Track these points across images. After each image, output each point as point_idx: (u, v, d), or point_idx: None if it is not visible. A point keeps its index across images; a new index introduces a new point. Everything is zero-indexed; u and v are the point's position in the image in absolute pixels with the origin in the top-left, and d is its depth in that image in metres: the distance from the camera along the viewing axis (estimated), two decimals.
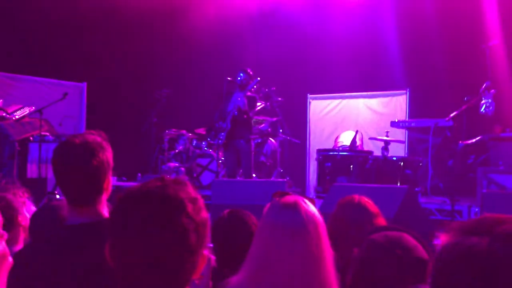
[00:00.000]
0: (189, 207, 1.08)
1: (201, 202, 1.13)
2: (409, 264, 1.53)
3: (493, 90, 6.40)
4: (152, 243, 1.04)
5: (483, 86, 6.24)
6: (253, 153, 6.99)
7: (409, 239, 1.59)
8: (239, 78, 6.87)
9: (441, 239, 1.01)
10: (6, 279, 1.62)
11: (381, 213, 2.50)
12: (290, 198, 1.71)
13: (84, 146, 1.66)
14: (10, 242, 2.41)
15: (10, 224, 2.42)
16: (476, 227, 0.94)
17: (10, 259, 1.35)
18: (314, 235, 1.62)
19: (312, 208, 1.69)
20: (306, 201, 1.70)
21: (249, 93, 6.80)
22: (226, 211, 2.42)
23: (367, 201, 2.43)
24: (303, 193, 8.88)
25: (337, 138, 7.64)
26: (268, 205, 1.77)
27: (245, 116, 6.72)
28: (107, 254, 1.09)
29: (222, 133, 6.78)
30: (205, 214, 1.12)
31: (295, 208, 1.65)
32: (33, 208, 2.85)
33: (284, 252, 1.59)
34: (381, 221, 2.38)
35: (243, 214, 2.38)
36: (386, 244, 1.56)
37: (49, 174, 6.62)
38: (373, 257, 1.55)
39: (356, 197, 2.45)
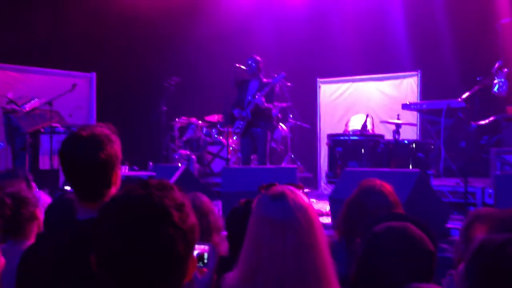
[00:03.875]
0: (176, 216, 1.04)
1: (188, 207, 1.09)
2: (414, 256, 1.50)
3: (505, 69, 6.28)
4: (139, 256, 1.00)
5: (496, 66, 6.12)
6: (269, 142, 6.97)
7: (414, 230, 1.54)
8: (251, 66, 6.79)
9: (476, 231, 0.99)
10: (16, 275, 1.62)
11: None
12: (277, 189, 1.67)
13: (92, 139, 1.63)
14: (25, 237, 2.43)
15: (29, 218, 2.42)
16: None
17: (2, 259, 1.34)
18: (304, 224, 1.58)
19: (300, 196, 1.65)
20: (293, 189, 1.67)
21: (268, 85, 6.72)
22: (242, 201, 2.38)
23: (388, 188, 2.39)
24: (315, 178, 8.85)
25: (347, 122, 7.57)
26: (256, 199, 1.74)
27: (266, 112, 6.71)
28: (93, 265, 1.06)
29: (241, 122, 6.76)
30: (192, 220, 1.08)
31: (282, 199, 1.62)
32: (48, 200, 2.86)
33: (276, 244, 1.56)
34: (400, 210, 2.34)
35: None
36: (389, 237, 1.52)
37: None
38: (376, 249, 1.52)
39: (378, 182, 2.40)
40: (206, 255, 1.57)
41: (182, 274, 1.07)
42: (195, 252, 1.56)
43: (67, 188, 4.52)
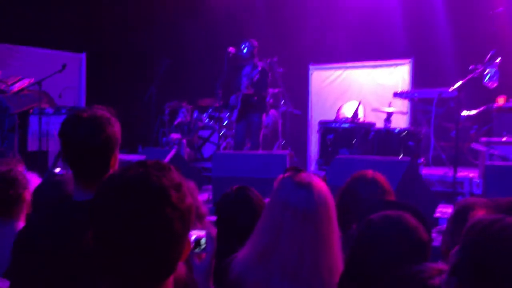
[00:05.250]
0: (173, 196, 1.04)
1: (185, 187, 1.09)
2: (408, 245, 1.50)
3: (498, 59, 6.28)
4: (136, 234, 1.01)
5: (488, 55, 6.13)
6: (263, 129, 6.95)
7: (409, 220, 1.55)
8: (245, 50, 6.67)
9: (475, 214, 1.02)
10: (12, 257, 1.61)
11: None
12: (304, 177, 1.67)
13: (93, 121, 1.63)
14: (14, 218, 2.41)
15: (17, 199, 2.40)
16: None
17: None
18: (325, 217, 1.60)
19: (326, 189, 1.65)
20: (319, 181, 1.67)
21: (259, 72, 6.62)
22: (234, 187, 2.38)
23: (381, 177, 2.39)
24: (304, 165, 8.87)
25: (339, 109, 7.58)
26: (279, 179, 1.73)
27: (255, 97, 6.63)
28: (90, 243, 1.06)
29: (235, 110, 6.72)
30: (190, 200, 1.09)
31: (308, 189, 1.62)
32: (38, 181, 2.83)
33: (294, 233, 1.57)
34: (393, 199, 2.35)
35: (252, 193, 2.33)
36: (384, 225, 1.53)
37: (50, 147, 6.59)
38: (371, 237, 1.52)
39: (370, 172, 2.41)
40: (203, 240, 1.58)
41: (179, 254, 1.08)
42: (193, 238, 1.56)
43: (57, 170, 4.49)
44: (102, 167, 1.65)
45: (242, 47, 6.68)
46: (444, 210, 5.02)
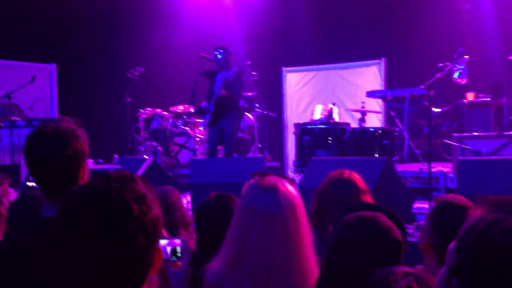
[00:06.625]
0: (135, 209, 1.02)
1: (149, 199, 1.06)
2: (383, 246, 1.52)
3: (466, 57, 6.43)
4: (98, 250, 0.99)
5: (457, 53, 6.27)
6: (235, 133, 6.85)
7: (384, 220, 1.57)
8: (219, 57, 6.57)
9: (474, 212, 1.01)
10: None
11: None
12: (269, 180, 1.66)
13: (57, 135, 1.60)
14: None
15: None
16: None
17: None
18: (292, 220, 1.59)
19: (292, 191, 1.65)
20: (286, 183, 1.66)
21: (234, 73, 6.53)
22: (212, 194, 2.36)
23: (356, 177, 2.42)
24: (282, 167, 8.90)
25: (313, 110, 7.64)
26: (246, 184, 1.73)
27: (228, 101, 6.51)
28: (59, 259, 1.04)
29: (207, 115, 6.62)
30: (155, 212, 1.06)
31: (273, 191, 1.61)
32: (15, 196, 2.77)
33: (262, 237, 1.56)
34: (368, 198, 2.37)
35: (230, 199, 2.33)
36: (360, 226, 1.54)
37: (22, 160, 6.46)
38: (347, 238, 1.54)
39: (346, 172, 2.43)
40: (179, 249, 1.56)
41: (145, 266, 1.06)
42: (168, 247, 1.55)
43: (30, 184, 4.39)
44: (69, 181, 1.61)
45: (216, 53, 6.60)
46: (421, 206, 5.10)
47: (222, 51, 6.58)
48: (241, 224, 1.62)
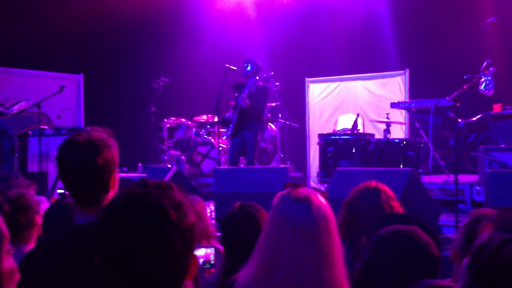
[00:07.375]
0: (173, 215, 1.05)
1: (186, 206, 1.10)
2: (421, 261, 1.50)
3: (492, 68, 6.36)
4: (138, 255, 1.02)
5: (484, 65, 6.21)
6: (259, 144, 6.84)
7: (420, 234, 1.55)
8: (248, 69, 6.62)
9: (482, 231, 1.01)
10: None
11: None
12: (302, 192, 1.66)
13: (89, 144, 1.63)
14: (24, 242, 2.41)
15: (28, 225, 2.40)
16: None
17: (18, 274, 1.34)
18: (325, 232, 1.59)
19: (324, 203, 1.66)
20: (318, 195, 1.67)
21: (259, 84, 6.59)
22: (236, 204, 2.38)
23: (385, 188, 2.41)
24: (304, 178, 8.88)
25: (336, 121, 7.62)
26: (278, 195, 1.74)
27: (250, 112, 6.54)
28: (98, 266, 1.08)
29: (231, 124, 6.67)
30: (191, 219, 1.10)
31: (306, 203, 1.61)
32: (47, 205, 2.84)
33: (294, 249, 1.56)
34: (397, 205, 2.36)
35: (254, 209, 2.34)
36: (396, 240, 1.53)
37: (50, 168, 6.59)
38: (382, 253, 1.52)
39: (374, 183, 2.42)
40: (212, 256, 1.59)
41: (182, 272, 1.09)
42: (202, 255, 1.57)
43: (60, 191, 4.48)
44: (100, 190, 1.65)
45: (246, 65, 6.66)
46: (447, 218, 5.04)
47: (252, 63, 6.64)
48: (273, 235, 1.62)
